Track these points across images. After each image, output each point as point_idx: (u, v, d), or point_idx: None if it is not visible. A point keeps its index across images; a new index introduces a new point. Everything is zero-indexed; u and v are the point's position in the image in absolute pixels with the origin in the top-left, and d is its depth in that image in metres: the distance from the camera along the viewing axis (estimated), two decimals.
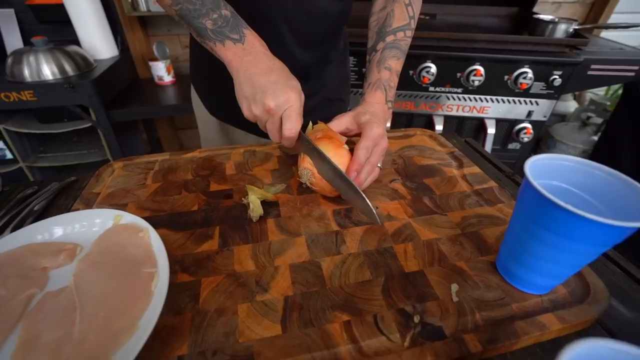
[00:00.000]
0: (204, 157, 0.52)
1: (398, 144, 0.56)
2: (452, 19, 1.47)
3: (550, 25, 1.08)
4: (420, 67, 1.11)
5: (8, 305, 0.30)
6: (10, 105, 1.14)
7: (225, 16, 0.40)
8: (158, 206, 0.42)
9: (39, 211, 0.46)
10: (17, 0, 1.32)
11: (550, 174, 0.31)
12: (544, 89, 1.15)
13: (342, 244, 0.36)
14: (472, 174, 0.48)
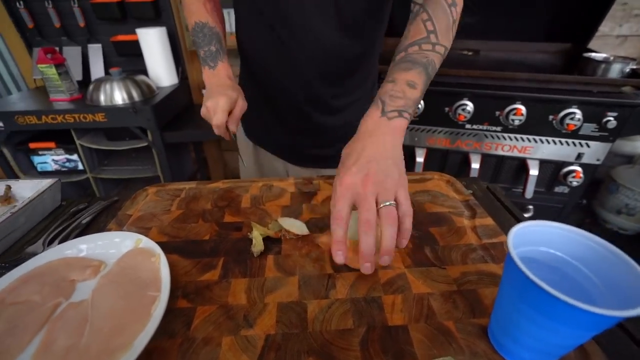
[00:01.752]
0: (225, 188, 0.56)
1: (412, 188, 0.56)
2: (496, 55, 1.43)
3: (602, 65, 1.02)
4: (456, 104, 1.09)
5: (39, 310, 0.35)
6: (86, 125, 1.33)
7: (211, 50, 0.59)
8: (176, 232, 0.46)
9: (85, 225, 0.53)
10: (104, 37, 1.57)
11: (543, 241, 0.29)
12: (595, 130, 1.06)
13: (332, 288, 0.37)
14: (484, 225, 0.47)
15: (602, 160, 1.12)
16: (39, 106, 1.37)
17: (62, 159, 1.50)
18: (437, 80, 1.12)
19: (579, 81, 1.02)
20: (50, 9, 1.49)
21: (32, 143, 1.44)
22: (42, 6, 1.49)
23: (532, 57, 1.39)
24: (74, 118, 1.32)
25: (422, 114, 1.14)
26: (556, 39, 1.39)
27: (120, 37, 1.54)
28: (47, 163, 1.50)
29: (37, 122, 1.32)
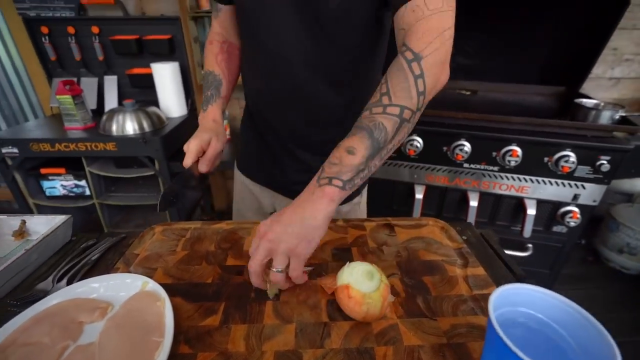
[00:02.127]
0: (228, 229, 0.59)
1: (407, 234, 0.58)
2: (493, 95, 1.50)
3: (593, 111, 1.06)
4: (454, 144, 1.14)
5: (48, 352, 0.37)
6: (97, 153, 1.39)
7: (207, 95, 0.67)
8: (180, 274, 0.49)
9: (94, 262, 0.55)
10: (120, 69, 1.66)
11: (525, 302, 0.31)
12: (590, 173, 1.10)
13: (327, 337, 0.39)
14: (475, 275, 0.48)
15: (598, 202, 1.14)
16: (53, 134, 1.42)
17: (71, 185, 1.54)
18: (435, 121, 1.17)
19: (572, 126, 1.06)
20: (73, 44, 1.58)
21: (44, 169, 1.49)
22: (65, 41, 1.59)
23: (528, 99, 1.45)
24: (85, 146, 1.37)
25: (421, 152, 1.17)
26: (551, 82, 1.46)
27: (136, 70, 1.63)
28: (56, 188, 1.54)
29: (51, 149, 1.37)
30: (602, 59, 1.79)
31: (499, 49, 1.44)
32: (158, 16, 1.59)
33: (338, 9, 0.52)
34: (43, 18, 1.56)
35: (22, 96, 1.88)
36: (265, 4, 0.56)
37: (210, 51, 0.70)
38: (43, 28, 1.56)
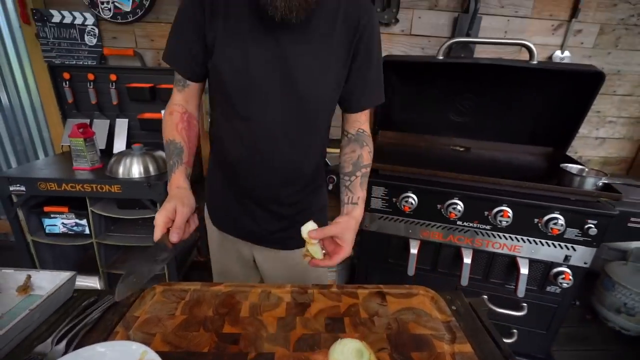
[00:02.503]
0: (227, 292, 0.61)
1: (398, 303, 0.60)
2: (485, 153, 1.57)
3: (578, 178, 1.12)
4: (447, 202, 1.18)
5: None
6: (102, 195, 1.42)
7: (170, 164, 0.71)
8: (178, 342, 0.50)
9: (94, 322, 0.57)
10: (131, 113, 1.75)
11: None
12: (579, 235, 1.13)
13: None
14: (462, 353, 0.50)
15: (589, 264, 1.16)
16: (61, 173, 1.47)
17: (72, 223, 1.56)
18: (429, 179, 1.22)
19: (559, 191, 1.12)
20: (91, 89, 1.68)
21: (47, 207, 1.52)
22: (84, 86, 1.69)
23: (519, 158, 1.53)
24: (91, 187, 1.41)
25: (415, 209, 1.22)
26: (540, 143, 1.54)
27: (147, 114, 1.71)
28: (56, 226, 1.56)
29: (57, 189, 1.41)
30: (587, 120, 1.90)
31: (490, 109, 1.53)
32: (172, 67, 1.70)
33: (316, 94, 0.71)
34: (67, 65, 1.68)
35: (36, 133, 1.96)
36: (256, 86, 0.68)
37: (171, 121, 0.74)
38: (65, 74, 1.67)
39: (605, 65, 1.80)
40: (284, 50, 0.67)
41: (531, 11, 1.69)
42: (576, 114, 1.39)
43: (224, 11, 0.67)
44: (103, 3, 1.60)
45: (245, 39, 0.67)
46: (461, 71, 1.44)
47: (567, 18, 1.70)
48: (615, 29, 1.72)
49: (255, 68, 0.67)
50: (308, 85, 0.69)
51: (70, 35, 1.66)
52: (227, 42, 0.67)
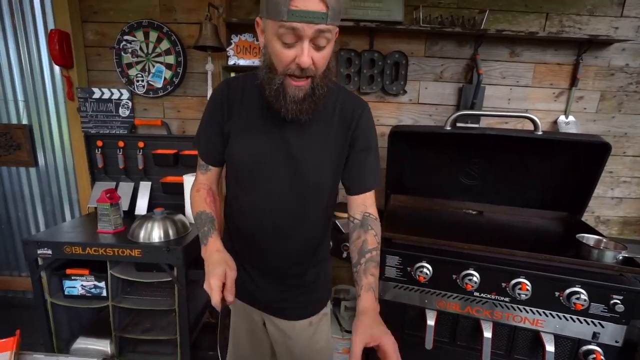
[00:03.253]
0: None
1: None
2: (498, 217, 1.57)
3: (596, 251, 1.10)
4: (462, 273, 1.17)
5: None
6: (122, 258, 1.47)
7: (204, 231, 0.79)
8: None
9: None
10: (155, 177, 1.86)
11: None
12: (605, 311, 1.08)
13: None
14: None
15: (621, 343, 1.10)
16: (85, 237, 1.54)
17: (90, 285, 1.59)
18: (443, 249, 1.22)
19: (577, 264, 1.10)
20: (120, 155, 1.82)
21: (69, 269, 1.56)
22: (114, 153, 1.83)
23: (533, 221, 1.52)
24: (113, 252, 1.46)
25: (431, 279, 1.20)
26: (553, 207, 1.54)
27: (169, 178, 1.82)
28: (76, 288, 1.59)
29: (81, 252, 1.47)
30: (601, 180, 1.89)
31: (500, 174, 1.57)
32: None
33: (317, 178, 0.81)
34: (101, 134, 1.83)
35: (65, 194, 2.08)
36: (263, 170, 0.80)
37: (199, 196, 0.86)
38: (99, 141, 1.82)
39: (612, 129, 1.84)
40: (288, 142, 0.79)
41: (532, 81, 1.80)
42: (587, 180, 1.41)
43: (238, 110, 0.81)
44: (138, 81, 1.80)
45: (255, 131, 0.80)
46: (469, 138, 1.51)
47: (567, 86, 1.79)
48: (615, 95, 1.80)
49: (263, 155, 0.80)
50: (309, 171, 0.80)
51: (107, 108, 1.83)
52: (239, 133, 0.81)
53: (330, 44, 0.69)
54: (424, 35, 1.73)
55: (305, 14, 0.61)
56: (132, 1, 1.74)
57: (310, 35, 0.64)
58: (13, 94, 1.93)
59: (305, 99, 0.72)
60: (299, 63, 0.66)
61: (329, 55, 0.71)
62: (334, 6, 0.63)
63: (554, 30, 1.73)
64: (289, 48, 0.66)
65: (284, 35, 0.64)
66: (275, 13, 0.63)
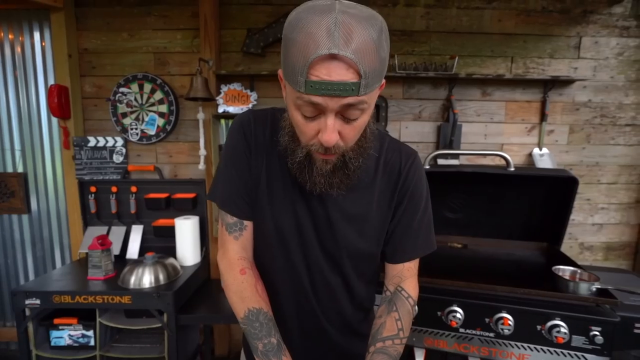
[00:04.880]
0: None
1: None
2: (483, 249, 1.62)
3: (571, 283, 1.15)
4: (446, 309, 1.19)
5: None
6: (112, 306, 1.47)
7: (272, 343, 0.60)
8: None
9: None
10: (147, 220, 1.89)
11: None
12: (587, 343, 1.10)
13: None
14: None
15: None
16: (75, 284, 1.54)
17: (78, 334, 1.57)
18: (426, 286, 1.26)
19: (553, 297, 1.13)
20: (113, 200, 1.86)
21: (57, 319, 1.55)
22: (106, 197, 1.87)
23: (516, 253, 1.57)
24: (102, 299, 1.46)
25: (417, 316, 1.22)
26: (533, 238, 1.59)
27: (161, 221, 1.85)
28: (63, 338, 1.57)
29: (70, 301, 1.47)
30: (580, 207, 1.99)
31: (481, 207, 1.63)
32: (187, 179, 1.91)
33: (356, 247, 0.68)
34: (95, 180, 1.89)
35: (57, 239, 2.09)
36: (295, 240, 0.66)
37: (248, 283, 0.64)
38: (92, 187, 1.87)
39: (584, 159, 1.95)
40: (323, 198, 0.64)
41: (504, 117, 1.92)
42: (562, 211, 1.48)
43: (266, 156, 0.66)
44: (132, 129, 1.88)
45: (284, 183, 0.65)
46: (448, 175, 1.58)
47: (538, 121, 1.91)
48: (583, 128, 1.92)
49: (294, 214, 0.65)
50: (346, 235, 0.66)
51: (101, 155, 1.90)
52: (268, 181, 0.65)
53: (366, 113, 0.54)
54: (401, 80, 1.86)
55: (328, 87, 0.47)
56: (128, 56, 1.86)
57: (336, 109, 0.50)
58: (10, 143, 2.00)
59: (336, 173, 0.58)
60: (321, 141, 0.53)
61: (364, 124, 0.56)
62: (372, 69, 0.48)
63: (519, 71, 1.87)
64: (311, 121, 0.53)
65: (303, 107, 0.51)
66: (292, 80, 0.50)
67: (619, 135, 1.91)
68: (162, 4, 1.82)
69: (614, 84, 1.87)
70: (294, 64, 0.48)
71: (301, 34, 0.47)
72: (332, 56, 0.46)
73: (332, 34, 0.45)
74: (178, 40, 1.85)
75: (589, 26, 1.83)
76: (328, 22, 0.45)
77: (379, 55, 0.49)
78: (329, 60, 0.46)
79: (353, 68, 0.47)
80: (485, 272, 1.32)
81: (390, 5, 1.79)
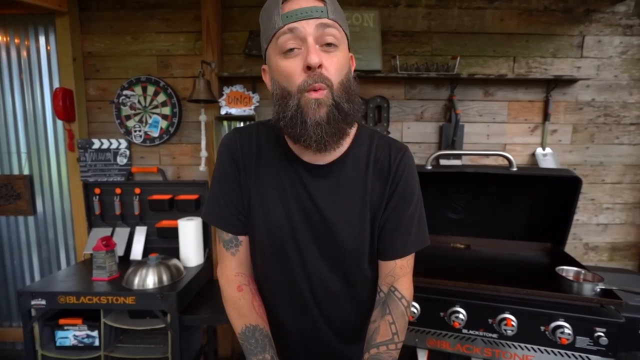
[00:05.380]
0: None
1: None
2: (486, 250, 1.61)
3: (575, 284, 1.14)
4: (449, 310, 1.19)
5: None
6: (116, 306, 1.48)
7: (265, 359, 0.62)
8: None
9: None
10: (150, 221, 1.90)
11: None
12: (591, 344, 1.09)
13: None
14: None
15: None
16: (80, 285, 1.56)
17: (83, 335, 1.59)
18: (429, 287, 1.26)
19: (557, 297, 1.13)
20: (117, 201, 1.88)
21: (63, 319, 1.56)
22: (111, 199, 1.89)
23: (519, 254, 1.56)
24: (107, 300, 1.48)
25: (419, 317, 1.22)
26: (536, 238, 1.58)
27: (164, 222, 1.86)
28: (68, 338, 1.59)
29: (75, 302, 1.48)
30: (584, 207, 1.97)
31: (484, 207, 1.63)
32: (190, 180, 1.92)
33: (353, 243, 0.68)
34: (99, 182, 1.90)
35: (62, 240, 2.11)
36: (290, 239, 0.67)
37: (245, 300, 0.67)
38: (96, 189, 1.89)
39: (587, 158, 1.94)
40: (316, 201, 0.65)
41: (507, 117, 1.91)
42: (566, 211, 1.47)
43: (254, 168, 0.67)
44: (136, 131, 1.90)
45: (276, 192, 0.66)
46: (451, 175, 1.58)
47: (540, 121, 1.90)
48: (587, 127, 1.91)
49: (288, 220, 0.66)
50: (343, 235, 0.66)
51: (106, 157, 1.92)
52: (259, 195, 0.67)
53: (340, 50, 0.59)
54: (402, 81, 1.86)
55: (300, 12, 0.56)
56: (132, 59, 1.88)
57: (312, 32, 0.56)
58: (16, 146, 2.02)
59: (330, 120, 0.58)
60: (307, 63, 0.56)
61: (343, 63, 0.60)
62: (333, 2, 0.59)
63: (522, 71, 1.87)
64: (295, 57, 0.57)
65: (285, 42, 0.57)
66: (271, 29, 0.58)
67: (623, 134, 1.90)
68: (165, 8, 1.84)
69: (617, 82, 1.85)
70: (270, 15, 0.59)
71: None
72: None
73: None
74: (181, 43, 1.86)
75: (592, 25, 1.82)
76: None
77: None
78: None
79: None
80: (488, 273, 1.31)
81: (392, 6, 1.79)
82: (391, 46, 1.81)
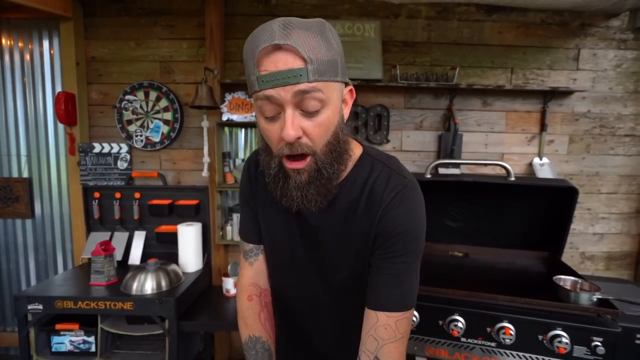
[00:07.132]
0: None
1: None
2: (484, 258, 1.62)
3: (572, 293, 1.15)
4: (448, 318, 1.20)
5: None
6: (114, 312, 1.48)
7: None
8: None
9: None
10: (149, 226, 1.90)
11: None
12: (588, 354, 1.10)
13: None
14: None
15: None
16: (78, 290, 1.55)
17: (79, 340, 1.57)
18: (427, 295, 1.26)
19: (554, 306, 1.14)
20: (116, 206, 1.88)
21: (59, 324, 1.55)
22: (110, 203, 1.89)
23: (517, 263, 1.57)
24: (105, 305, 1.47)
25: (418, 325, 1.23)
26: (534, 247, 1.60)
27: (164, 227, 1.86)
28: (64, 344, 1.57)
29: (73, 307, 1.47)
30: (580, 217, 2.00)
31: (482, 216, 1.64)
32: (190, 186, 1.92)
33: (346, 276, 0.65)
34: (99, 186, 1.90)
35: (59, 244, 2.10)
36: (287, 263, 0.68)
37: (252, 310, 0.68)
38: (96, 193, 1.89)
39: (584, 168, 1.96)
40: (311, 230, 0.64)
41: (505, 127, 1.94)
42: (562, 221, 1.49)
43: (259, 188, 0.69)
44: (137, 136, 1.91)
45: (274, 221, 0.68)
46: (449, 184, 1.60)
47: (538, 131, 1.93)
48: (583, 138, 1.94)
49: (289, 244, 0.67)
50: (334, 263, 0.65)
51: (106, 161, 1.92)
52: (263, 220, 0.70)
53: (328, 108, 0.53)
54: (402, 90, 1.89)
55: (276, 77, 0.48)
56: (135, 65, 1.90)
57: (290, 100, 0.50)
58: (17, 149, 2.02)
59: (311, 184, 0.55)
60: (282, 137, 0.51)
61: (330, 123, 0.54)
62: (318, 57, 0.49)
63: (519, 82, 1.90)
64: (274, 122, 0.53)
65: (262, 107, 0.52)
66: (250, 84, 0.53)
67: (618, 145, 1.93)
68: (169, 15, 1.86)
69: (612, 95, 1.89)
70: (248, 69, 0.52)
71: (249, 43, 0.52)
72: (276, 47, 0.49)
73: (273, 31, 0.49)
74: (184, 50, 1.88)
75: (587, 39, 1.86)
76: (270, 25, 0.50)
77: (325, 42, 0.51)
78: (273, 52, 0.49)
79: (297, 55, 0.48)
80: (487, 281, 1.32)
81: (392, 17, 1.83)
82: (392, 56, 1.84)
